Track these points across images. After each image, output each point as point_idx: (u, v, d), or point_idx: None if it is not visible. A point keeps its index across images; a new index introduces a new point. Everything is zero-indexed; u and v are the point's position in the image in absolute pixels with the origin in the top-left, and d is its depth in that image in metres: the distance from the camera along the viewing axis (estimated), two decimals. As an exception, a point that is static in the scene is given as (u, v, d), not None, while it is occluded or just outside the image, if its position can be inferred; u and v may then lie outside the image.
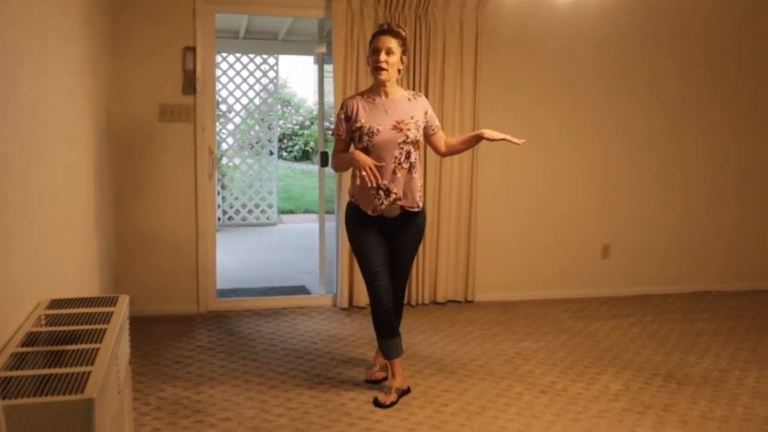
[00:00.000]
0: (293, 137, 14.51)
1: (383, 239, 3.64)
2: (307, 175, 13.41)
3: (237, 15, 7.30)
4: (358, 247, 3.68)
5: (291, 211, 10.94)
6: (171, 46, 4.89)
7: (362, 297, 5.26)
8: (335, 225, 5.35)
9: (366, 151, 3.51)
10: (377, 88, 3.59)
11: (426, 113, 3.64)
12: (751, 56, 5.98)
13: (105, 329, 2.01)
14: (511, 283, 5.65)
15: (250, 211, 9.42)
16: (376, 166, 3.45)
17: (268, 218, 9.52)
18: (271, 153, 9.55)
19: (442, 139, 3.75)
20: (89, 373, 1.68)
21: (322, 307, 5.33)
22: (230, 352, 4.34)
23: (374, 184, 3.43)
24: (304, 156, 14.56)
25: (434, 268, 5.39)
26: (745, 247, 6.13)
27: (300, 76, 15.28)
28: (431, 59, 5.15)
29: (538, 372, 4.11)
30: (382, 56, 3.49)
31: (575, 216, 5.75)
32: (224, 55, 8.84)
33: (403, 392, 3.71)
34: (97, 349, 1.84)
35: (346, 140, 3.64)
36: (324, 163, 5.47)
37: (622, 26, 5.64)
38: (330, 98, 5.64)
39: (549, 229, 5.70)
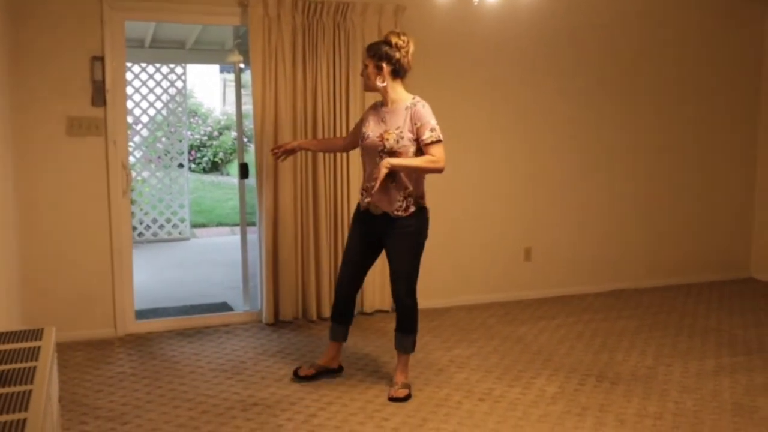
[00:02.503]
0: (201, 148, 14.12)
1: (368, 236, 3.91)
2: (218, 187, 13.05)
3: (143, 23, 7.01)
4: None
5: (203, 225, 10.59)
6: (78, 57, 4.61)
7: (288, 311, 5.12)
8: (257, 238, 5.19)
9: (362, 153, 3.91)
10: (382, 98, 3.87)
11: (416, 124, 3.67)
12: (683, 54, 6.20)
13: (34, 367, 1.82)
14: (436, 290, 5.62)
15: (161, 227, 9.04)
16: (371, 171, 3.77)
17: (180, 233, 9.18)
18: (181, 165, 9.22)
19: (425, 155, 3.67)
20: (25, 420, 1.50)
21: (247, 324, 5.15)
22: (155, 377, 4.12)
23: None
24: (214, 167, 14.19)
25: (361, 279, 5.30)
26: (657, 245, 6.34)
27: (206, 86, 14.92)
28: (351, 66, 5.07)
29: (474, 379, 4.09)
30: (361, 72, 3.91)
31: (498, 220, 5.79)
32: (129, 64, 8.46)
33: (327, 370, 4.08)
34: (30, 392, 1.65)
35: (352, 134, 4.12)
36: (244, 174, 5.29)
37: (551, 26, 5.71)
38: (248, 107, 5.47)
39: (472, 233, 5.72)
